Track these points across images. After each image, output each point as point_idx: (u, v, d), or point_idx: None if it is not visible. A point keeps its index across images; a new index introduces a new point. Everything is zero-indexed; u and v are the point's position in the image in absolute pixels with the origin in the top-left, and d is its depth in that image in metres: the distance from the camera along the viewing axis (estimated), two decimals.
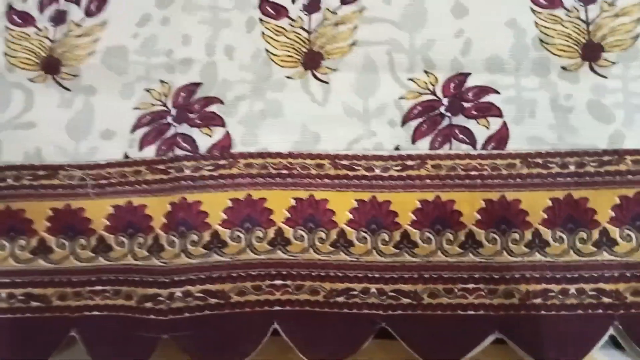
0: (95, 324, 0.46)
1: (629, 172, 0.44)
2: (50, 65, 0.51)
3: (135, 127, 0.49)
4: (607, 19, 0.47)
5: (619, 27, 0.47)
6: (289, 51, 0.49)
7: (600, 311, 0.43)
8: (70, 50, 0.51)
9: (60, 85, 0.50)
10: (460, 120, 0.47)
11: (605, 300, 0.43)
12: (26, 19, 0.52)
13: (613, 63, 0.47)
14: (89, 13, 0.51)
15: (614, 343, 0.45)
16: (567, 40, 0.48)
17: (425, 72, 0.48)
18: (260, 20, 0.50)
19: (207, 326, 0.45)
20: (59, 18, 0.52)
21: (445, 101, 0.47)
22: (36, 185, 0.48)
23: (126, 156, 0.48)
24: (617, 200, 0.44)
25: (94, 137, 0.49)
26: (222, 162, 0.47)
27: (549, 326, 0.43)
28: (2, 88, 0.51)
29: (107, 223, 0.47)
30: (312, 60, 0.49)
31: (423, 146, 0.47)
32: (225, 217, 0.46)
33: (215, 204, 0.46)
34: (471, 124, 0.47)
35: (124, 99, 0.49)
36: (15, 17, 0.52)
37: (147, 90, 0.49)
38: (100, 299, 0.46)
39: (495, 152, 0.46)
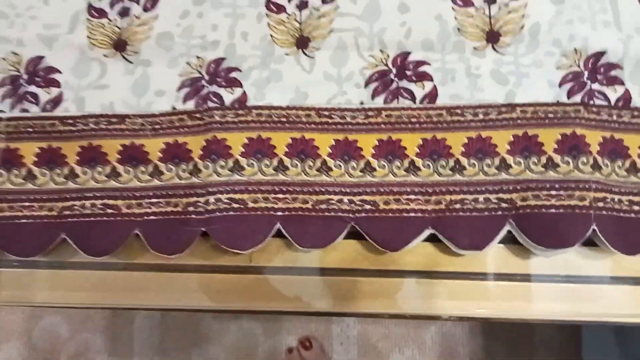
0: (152, 223, 0.51)
1: (518, 119, 0.51)
2: (119, 45, 0.55)
3: (179, 88, 0.53)
4: (503, 14, 0.53)
5: (511, 19, 0.53)
6: (286, 36, 0.54)
7: (500, 212, 0.49)
8: (133, 35, 0.55)
9: (126, 59, 0.55)
10: (404, 83, 0.52)
11: (503, 205, 0.49)
12: (101, 13, 0.56)
13: (508, 44, 0.52)
14: (145, 9, 0.55)
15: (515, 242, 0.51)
16: (476, 29, 0.53)
17: (381, 50, 0.53)
18: (266, 14, 0.54)
19: (232, 222, 0.50)
20: (124, 12, 0.55)
21: (394, 70, 0.53)
22: (110, 128, 0.53)
23: (173, 108, 0.53)
24: (511, 138, 0.50)
25: (150, 95, 0.53)
26: (240, 112, 0.52)
27: (465, 223, 0.49)
28: (85, 61, 0.54)
29: (160, 155, 0.52)
30: (302, 43, 0.54)
31: (379, 101, 0.52)
32: (243, 150, 0.51)
33: (236, 141, 0.52)
34: (412, 86, 0.52)
35: (171, 68, 0.54)
36: (93, 12, 0.56)
37: (187, 63, 0.54)
38: (155, 207, 0.51)
39: (428, 105, 0.51)
